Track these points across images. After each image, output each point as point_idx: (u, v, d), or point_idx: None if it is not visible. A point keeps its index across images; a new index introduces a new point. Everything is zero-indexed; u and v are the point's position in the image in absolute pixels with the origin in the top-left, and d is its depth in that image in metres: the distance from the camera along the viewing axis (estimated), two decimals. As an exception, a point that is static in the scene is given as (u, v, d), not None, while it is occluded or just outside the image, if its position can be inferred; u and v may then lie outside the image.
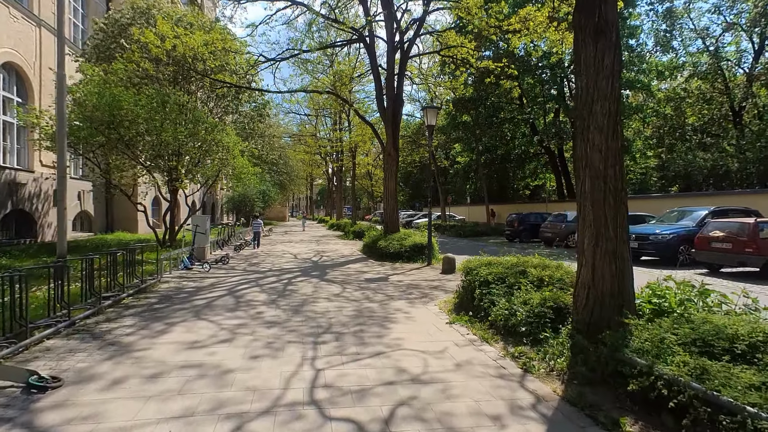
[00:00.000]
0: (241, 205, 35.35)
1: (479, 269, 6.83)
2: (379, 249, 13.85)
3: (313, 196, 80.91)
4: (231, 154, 15.77)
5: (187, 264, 10.40)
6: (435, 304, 7.37)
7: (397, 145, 15.16)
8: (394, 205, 15.25)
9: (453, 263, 11.24)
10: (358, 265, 12.29)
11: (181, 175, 13.77)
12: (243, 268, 11.34)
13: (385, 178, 15.21)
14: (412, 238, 13.80)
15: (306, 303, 7.17)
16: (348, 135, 25.24)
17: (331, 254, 15.33)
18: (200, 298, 7.33)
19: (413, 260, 13.06)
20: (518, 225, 22.65)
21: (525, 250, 18.23)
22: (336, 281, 9.46)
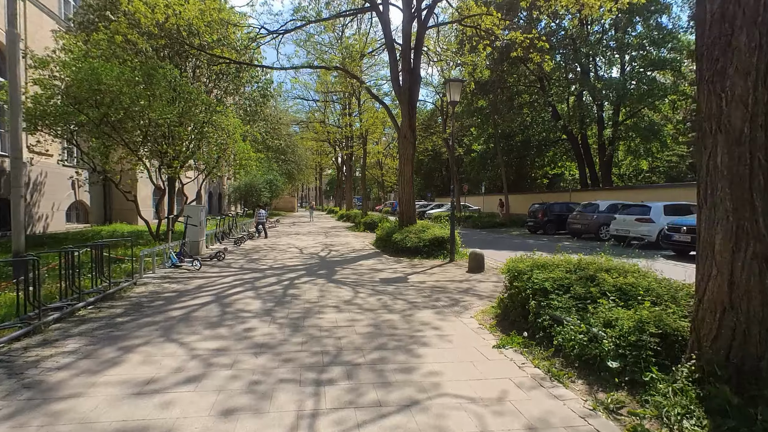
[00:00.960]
0: (247, 195, 34.09)
1: (532, 273, 5.28)
2: (394, 243, 12.36)
3: (322, 186, 79.59)
4: (231, 139, 14.33)
5: (174, 261, 9.02)
6: (471, 316, 5.86)
7: (414, 126, 13.56)
8: (411, 193, 13.71)
9: (481, 260, 9.71)
10: (371, 262, 10.81)
11: (173, 161, 12.36)
12: (240, 265, 9.93)
13: (401, 163, 13.66)
14: (431, 230, 12.27)
15: (309, 314, 5.71)
16: (359, 121, 23.59)
17: (341, 248, 13.87)
18: (178, 308, 5.91)
19: (433, 256, 11.55)
20: (542, 216, 20.95)
21: (554, 244, 16.59)
22: (346, 283, 8.00)
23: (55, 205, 17.85)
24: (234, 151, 14.56)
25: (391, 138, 56.17)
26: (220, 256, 10.42)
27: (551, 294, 4.83)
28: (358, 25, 17.40)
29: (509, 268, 5.76)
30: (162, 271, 8.79)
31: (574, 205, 21.62)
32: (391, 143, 56.95)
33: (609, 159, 29.32)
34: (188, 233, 10.93)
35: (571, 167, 40.50)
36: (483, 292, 7.37)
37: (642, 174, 36.67)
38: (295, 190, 65.56)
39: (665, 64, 25.46)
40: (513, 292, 5.38)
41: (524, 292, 5.13)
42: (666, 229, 12.72)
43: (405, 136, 13.52)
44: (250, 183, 33.79)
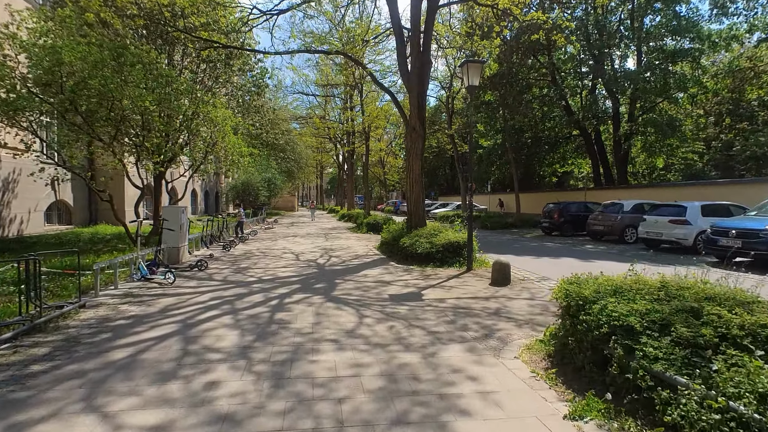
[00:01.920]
0: (244, 194, 32.66)
1: (604, 302, 3.82)
2: (401, 248, 10.91)
3: (323, 185, 78.17)
4: (220, 132, 12.89)
5: (144, 273, 7.57)
6: (515, 355, 4.41)
7: (423, 117, 12.11)
8: (420, 193, 12.26)
9: (507, 272, 8.25)
10: (376, 272, 9.36)
11: (153, 155, 10.91)
12: (224, 276, 8.48)
13: (408, 159, 12.21)
14: (444, 234, 10.81)
15: (299, 354, 4.27)
16: (361, 116, 22.09)
17: (342, 253, 12.42)
18: (125, 345, 4.47)
19: (447, 264, 10.10)
20: (558, 216, 19.47)
21: (575, 247, 15.11)
22: (348, 302, 6.55)
23: (33, 206, 16.45)
24: (224, 145, 13.10)
25: (393, 136, 54.79)
26: (202, 264, 8.97)
27: (642, 336, 3.38)
28: (360, 9, 15.96)
29: (566, 293, 4.30)
30: (127, 286, 7.35)
31: (592, 204, 20.15)
32: (393, 141, 55.58)
33: (625, 156, 27.83)
34: (165, 239, 9.49)
35: (582, 165, 39.00)
36: (519, 315, 5.91)
37: (656, 172, 35.12)
38: (296, 189, 64.13)
39: (686, 55, 23.93)
40: (580, 329, 3.90)
41: (597, 329, 3.67)
42: (709, 232, 11.24)
43: (413, 128, 12.07)
44: (247, 181, 32.38)
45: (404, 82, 12.61)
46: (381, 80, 23.10)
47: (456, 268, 9.83)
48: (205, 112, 12.32)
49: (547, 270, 9.97)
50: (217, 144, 13.13)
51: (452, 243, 10.32)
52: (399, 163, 62.94)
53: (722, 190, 17.82)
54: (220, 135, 12.66)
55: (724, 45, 26.37)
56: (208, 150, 13.11)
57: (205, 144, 13.02)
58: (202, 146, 13.12)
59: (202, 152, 13.21)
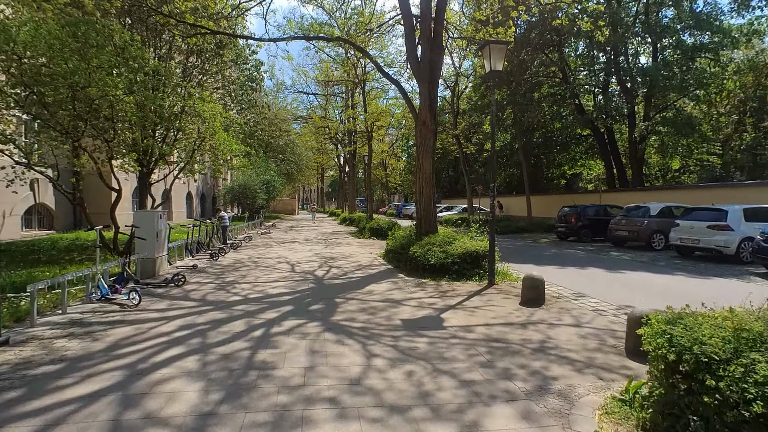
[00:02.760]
0: (241, 196, 31.40)
1: (748, 361, 2.48)
2: (411, 258, 9.55)
3: (324, 187, 76.89)
4: (209, 128, 11.60)
5: (105, 292, 6.23)
6: (595, 429, 3.05)
7: (435, 110, 10.80)
8: (431, 194, 10.92)
9: (541, 289, 6.91)
10: (384, 287, 8.01)
11: (127, 153, 9.61)
12: (202, 295, 7.13)
13: (419, 156, 10.88)
14: (460, 243, 9.47)
15: (282, 429, 2.93)
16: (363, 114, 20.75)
17: (343, 263, 11.08)
18: (30, 416, 3.12)
19: (465, 277, 8.76)
20: (575, 220, 18.12)
21: (600, 255, 13.72)
22: (352, 331, 5.21)
23: (7, 210, 15.16)
24: (212, 143, 11.80)
25: (395, 138, 53.55)
26: (178, 279, 7.63)
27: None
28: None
29: (670, 340, 2.95)
30: (80, 310, 6.00)
31: (611, 208, 18.80)
32: (395, 142, 54.33)
33: (641, 156, 26.48)
34: (138, 248, 8.17)
35: (592, 166, 37.65)
36: (572, 353, 4.56)
37: (670, 174, 33.75)
38: (296, 191, 62.90)
39: (706, 50, 22.61)
40: (708, 401, 2.54)
41: (746, 409, 2.32)
42: (761, 239, 9.88)
43: (424, 122, 10.75)
44: (244, 184, 31.12)
45: (413, 72, 11.30)
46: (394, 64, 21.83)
47: (476, 282, 8.49)
48: (190, 105, 11.04)
49: (578, 283, 8.63)
50: (205, 141, 11.83)
51: (470, 253, 8.97)
52: (401, 165, 61.72)
53: (747, 193, 16.41)
54: (208, 131, 11.36)
55: (744, 41, 25.03)
56: (194, 148, 11.80)
57: (191, 141, 11.72)
58: (189, 144, 11.82)
59: (188, 150, 11.91)
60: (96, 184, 19.82)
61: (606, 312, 6.37)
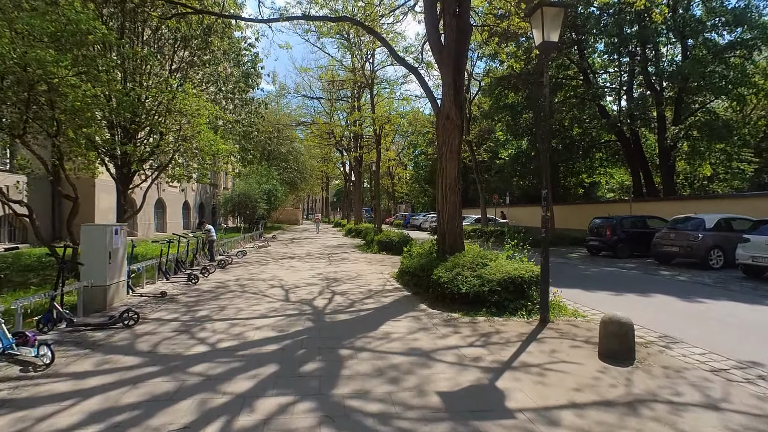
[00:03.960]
0: (240, 206, 29.58)
1: None
2: (435, 284, 7.56)
3: (328, 197, 75.19)
4: (191, 126, 9.78)
5: (6, 344, 4.27)
6: None
7: (460, 102, 8.93)
8: (456, 203, 8.98)
9: (630, 338, 4.90)
10: (404, 327, 6.01)
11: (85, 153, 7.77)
12: (153, 343, 5.11)
13: (441, 158, 8.95)
14: (497, 265, 7.48)
15: None
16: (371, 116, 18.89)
17: (350, 287, 9.10)
18: None
19: (507, 310, 6.75)
20: (610, 233, 16.06)
21: (649, 274, 11.47)
22: (367, 425, 3.23)
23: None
24: (197, 144, 9.97)
25: (401, 147, 51.70)
26: (127, 317, 5.66)
27: None
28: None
29: None
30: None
31: (652, 219, 16.73)
32: (401, 151, 52.50)
33: (672, 163, 24.42)
34: (82, 274, 6.27)
35: (614, 174, 35.58)
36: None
37: (698, 182, 31.54)
38: (300, 201, 61.17)
39: (743, 47, 20.62)
40: None
41: None
42: None
43: (448, 116, 8.84)
44: (244, 193, 29.35)
45: (435, 57, 9.43)
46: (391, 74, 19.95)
47: (523, 319, 6.48)
48: (168, 98, 9.24)
49: (655, 318, 6.63)
50: (187, 141, 9.99)
51: (513, 279, 6.96)
52: (408, 174, 59.86)
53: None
54: (190, 130, 9.53)
55: (783, 37, 23.04)
56: (174, 149, 9.98)
57: (167, 142, 9.91)
58: (165, 144, 10.00)
59: (167, 153, 10.09)
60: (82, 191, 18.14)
61: (733, 374, 4.36)
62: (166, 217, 26.13)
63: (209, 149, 10.13)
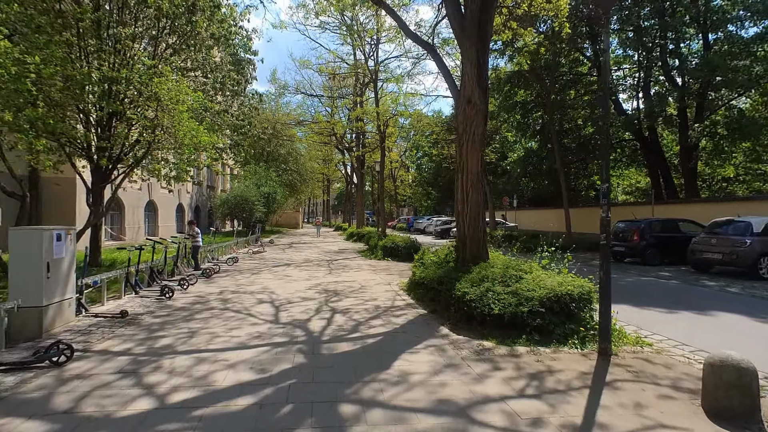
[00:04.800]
0: (237, 209, 28.20)
1: None
2: (458, 301, 6.12)
3: (330, 200, 73.81)
4: (166, 113, 8.40)
5: None
6: None
7: (485, 83, 7.52)
8: (479, 203, 7.56)
9: (753, 390, 3.45)
10: (426, 363, 4.56)
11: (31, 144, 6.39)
12: (77, 396, 3.63)
13: (462, 148, 7.53)
14: (534, 278, 6.07)
15: None
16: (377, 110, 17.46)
17: (353, 303, 7.67)
18: None
19: (553, 336, 5.31)
20: (638, 238, 14.60)
21: (697, 285, 8.37)
22: None
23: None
24: (174, 132, 8.57)
25: (404, 149, 50.27)
26: (56, 352, 4.21)
27: None
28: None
29: None
30: None
31: (682, 222, 15.27)
32: (404, 153, 51.08)
33: (695, 163, 22.97)
34: (10, 291, 4.87)
35: (628, 176, 34.10)
36: None
37: (718, 183, 30.04)
38: (300, 204, 59.78)
39: None
40: None
41: None
42: None
43: (469, 100, 7.44)
44: (241, 195, 27.99)
45: (455, 32, 8.03)
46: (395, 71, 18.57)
47: (576, 349, 5.05)
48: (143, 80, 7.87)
49: (732, 345, 5.12)
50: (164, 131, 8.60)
51: (559, 297, 5.53)
52: (411, 176, 58.41)
53: None
54: (165, 117, 8.14)
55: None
56: (150, 139, 8.58)
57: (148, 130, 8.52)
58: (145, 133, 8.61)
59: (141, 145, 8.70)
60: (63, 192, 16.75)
61: None
62: (158, 220, 24.71)
63: (191, 141, 8.73)
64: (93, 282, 6.54)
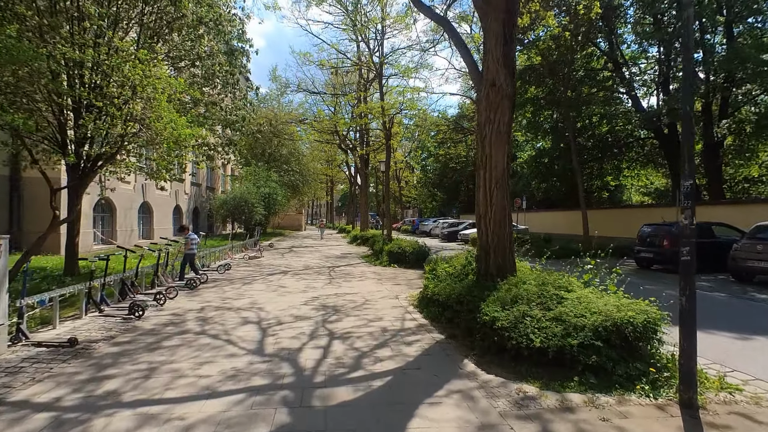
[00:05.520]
0: (236, 211, 27.10)
1: None
2: (484, 326, 4.92)
3: (334, 202, 72.74)
4: (142, 100, 7.27)
5: None
6: None
7: (512, 63, 6.32)
8: (506, 206, 6.37)
9: None
10: (451, 420, 3.37)
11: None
12: None
13: (484, 140, 6.31)
14: (582, 300, 4.87)
15: None
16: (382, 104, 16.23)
17: (355, 324, 6.48)
18: None
19: (613, 379, 4.09)
20: (669, 243, 13.33)
21: (739, 297, 8.15)
22: None
23: None
24: (154, 126, 7.44)
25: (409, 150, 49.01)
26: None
27: None
28: None
29: None
30: None
31: (716, 226, 13.98)
32: (410, 153, 49.84)
33: (720, 162, 21.62)
34: None
35: (644, 176, 32.68)
36: None
37: (739, 184, 28.61)
38: (303, 206, 58.69)
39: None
40: None
41: None
42: None
43: (493, 83, 6.24)
44: (240, 197, 26.91)
45: (476, 3, 6.84)
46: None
47: (646, 398, 3.83)
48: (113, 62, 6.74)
49: None
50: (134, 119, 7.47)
51: (618, 325, 4.31)
52: (416, 177, 57.14)
53: None
54: (137, 104, 7.01)
55: None
56: (121, 132, 7.45)
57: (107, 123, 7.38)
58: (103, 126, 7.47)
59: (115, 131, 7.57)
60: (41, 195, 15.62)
61: None
62: (153, 222, 23.66)
63: (170, 135, 7.58)
64: (39, 302, 5.39)
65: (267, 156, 34.36)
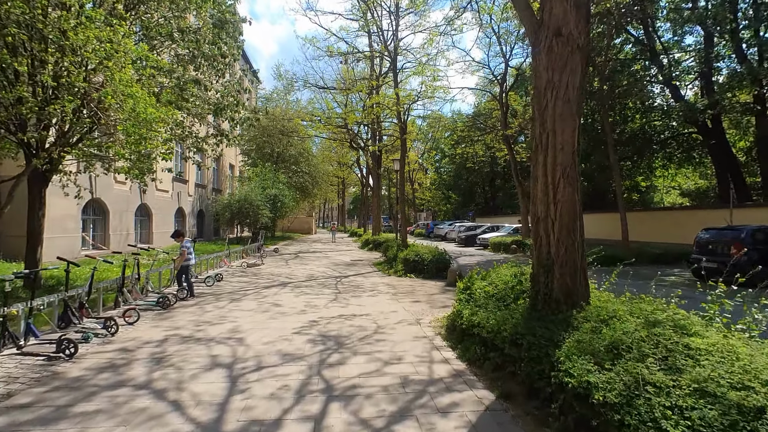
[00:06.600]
0: (240, 213, 25.56)
1: None
2: (564, 391, 3.09)
3: (345, 205, 71.15)
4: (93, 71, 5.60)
5: None
6: None
7: (586, 4, 4.51)
8: (575, 202, 4.54)
9: None
10: None
11: None
12: None
13: (542, 113, 4.50)
14: (713, 348, 2.99)
15: None
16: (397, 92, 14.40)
17: (363, 370, 4.66)
18: None
19: None
20: (739, 251, 11.23)
21: None
22: None
23: None
24: (108, 106, 5.78)
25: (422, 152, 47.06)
26: None
27: None
28: None
29: None
30: None
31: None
32: (423, 155, 47.93)
33: (776, 158, 19.26)
34: None
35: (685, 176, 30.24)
36: None
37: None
38: (313, 209, 57.20)
39: None
40: None
41: None
42: None
43: (559, 31, 4.41)
44: (244, 198, 25.39)
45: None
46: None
47: None
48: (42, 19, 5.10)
49: None
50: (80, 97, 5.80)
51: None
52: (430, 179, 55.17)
53: None
54: (79, 75, 5.34)
55: None
56: (71, 119, 5.79)
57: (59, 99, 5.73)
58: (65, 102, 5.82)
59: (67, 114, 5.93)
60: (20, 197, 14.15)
61: None
62: (152, 225, 22.21)
63: (129, 115, 5.89)
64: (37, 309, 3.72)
65: (275, 156, 32.87)
